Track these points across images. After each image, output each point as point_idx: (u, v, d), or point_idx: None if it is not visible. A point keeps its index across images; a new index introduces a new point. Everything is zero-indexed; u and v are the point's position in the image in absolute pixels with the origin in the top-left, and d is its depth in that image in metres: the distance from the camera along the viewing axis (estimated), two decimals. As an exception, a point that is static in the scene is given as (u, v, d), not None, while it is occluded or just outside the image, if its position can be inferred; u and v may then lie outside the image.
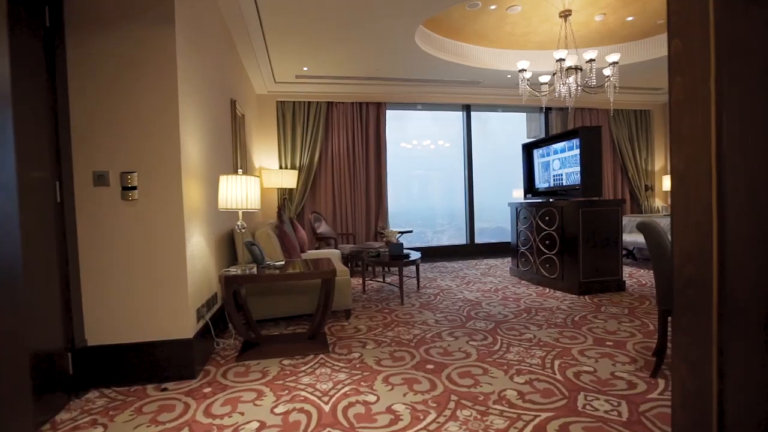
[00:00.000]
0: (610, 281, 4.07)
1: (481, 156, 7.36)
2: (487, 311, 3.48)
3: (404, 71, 5.78)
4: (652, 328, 2.92)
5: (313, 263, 2.80)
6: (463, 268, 5.82)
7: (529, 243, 4.70)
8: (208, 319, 2.49)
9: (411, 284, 4.62)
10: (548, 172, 4.80)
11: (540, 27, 5.07)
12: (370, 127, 6.38)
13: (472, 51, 5.64)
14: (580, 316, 3.25)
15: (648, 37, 5.49)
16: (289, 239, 3.32)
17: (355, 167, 6.32)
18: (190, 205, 2.33)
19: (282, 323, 3.24)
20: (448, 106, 7.01)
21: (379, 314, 3.47)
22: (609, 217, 4.07)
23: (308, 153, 6.06)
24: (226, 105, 3.57)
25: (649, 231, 2.07)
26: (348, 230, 6.25)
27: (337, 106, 6.22)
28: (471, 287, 4.48)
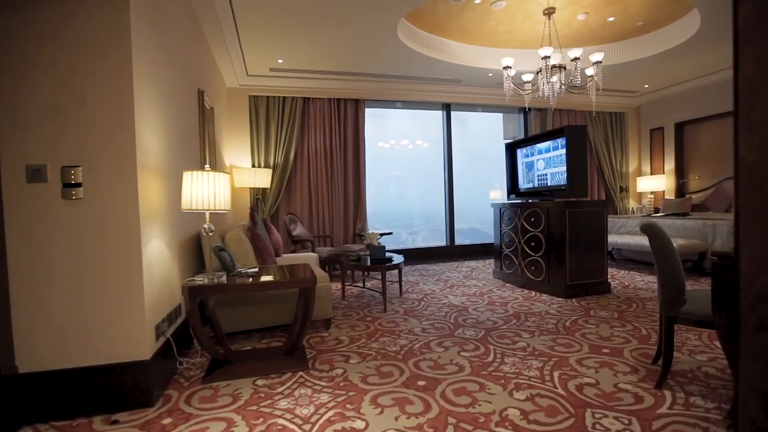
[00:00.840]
0: (595, 283, 3.98)
1: (459, 156, 7.25)
2: (475, 317, 3.31)
3: (385, 67, 5.57)
4: (644, 332, 2.82)
5: (290, 269, 2.54)
6: (444, 270, 5.67)
7: (513, 245, 4.58)
8: (169, 336, 2.19)
9: (393, 289, 4.41)
10: (532, 172, 4.70)
11: (523, 25, 4.97)
12: (349, 125, 6.14)
13: (454, 48, 5.49)
14: (570, 321, 3.13)
15: (626, 39, 5.50)
16: (262, 243, 3.04)
17: (333, 166, 6.06)
18: (149, 205, 2.03)
19: (255, 336, 2.96)
20: (428, 105, 6.85)
21: (361, 323, 3.24)
22: (595, 217, 3.99)
23: (283, 151, 5.75)
24: (193, 95, 3.25)
25: (654, 234, 1.94)
26: (325, 232, 5.98)
27: (313, 102, 5.94)
28: (455, 291, 4.31)
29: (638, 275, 4.87)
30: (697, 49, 5.32)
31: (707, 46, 5.22)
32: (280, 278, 2.26)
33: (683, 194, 7.06)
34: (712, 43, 5.13)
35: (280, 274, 2.41)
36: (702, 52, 5.42)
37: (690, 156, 7.12)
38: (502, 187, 9.73)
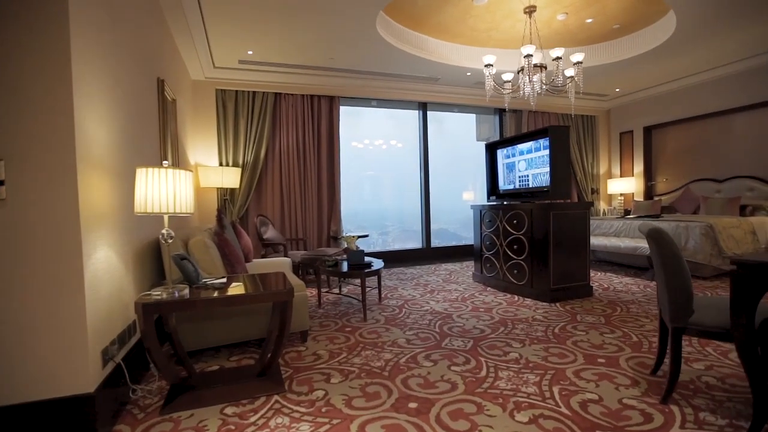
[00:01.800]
0: (578, 287, 3.92)
1: (432, 157, 7.11)
2: (461, 326, 3.14)
3: (361, 62, 5.35)
4: (635, 339, 2.73)
5: (263, 279, 2.27)
6: (422, 274, 5.50)
7: (494, 248, 4.46)
8: (120, 361, 1.88)
9: (371, 295, 4.19)
10: (513, 173, 4.61)
11: (503, 23, 4.88)
12: (323, 123, 5.87)
13: (433, 45, 5.34)
14: (559, 328, 3.01)
15: (602, 42, 5.52)
16: (231, 248, 2.75)
17: (306, 166, 5.77)
18: (94, 208, 1.72)
19: (224, 352, 2.66)
20: (404, 104, 6.68)
21: (340, 334, 2.99)
22: (578, 220, 3.93)
23: (253, 149, 5.41)
24: (151, 84, 2.91)
25: (662, 240, 1.82)
26: (298, 235, 5.68)
27: (285, 98, 5.63)
28: (436, 296, 4.14)
29: (615, 277, 4.88)
30: (667, 54, 5.41)
31: (678, 51, 5.31)
32: (252, 291, 1.99)
33: (651, 196, 7.23)
34: (682, 48, 5.22)
35: (253, 285, 2.14)
36: (672, 57, 5.52)
37: (658, 159, 7.30)
38: (475, 189, 9.71)
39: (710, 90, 6.22)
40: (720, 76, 6.05)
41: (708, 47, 5.21)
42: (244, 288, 2.05)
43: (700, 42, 5.04)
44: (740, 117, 6.02)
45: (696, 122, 6.57)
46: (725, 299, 1.93)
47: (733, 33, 4.76)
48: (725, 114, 6.14)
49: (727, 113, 6.12)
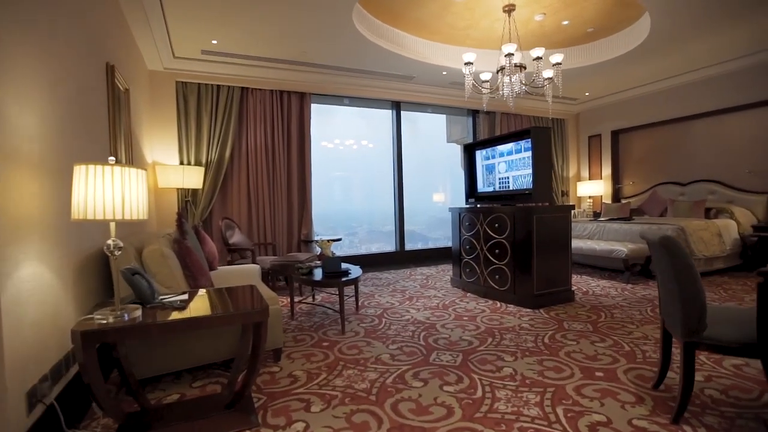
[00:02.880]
0: (561, 292, 3.84)
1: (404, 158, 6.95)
2: (447, 337, 2.95)
3: (334, 57, 5.08)
4: (627, 348, 2.64)
5: (232, 295, 1.98)
6: (398, 279, 5.29)
7: (474, 252, 4.32)
8: (54, 401, 1.54)
9: (348, 303, 3.93)
10: (493, 175, 4.49)
11: (480, 22, 4.76)
12: (293, 120, 5.55)
13: (409, 42, 5.16)
14: (548, 337, 2.89)
15: (575, 46, 5.54)
16: (194, 258, 2.42)
17: (275, 166, 5.43)
18: (17, 214, 1.38)
19: (186, 377, 2.33)
20: (377, 102, 6.46)
21: (318, 350, 2.73)
22: (560, 223, 3.85)
23: (217, 147, 5.02)
24: (98, 69, 2.53)
25: (675, 248, 1.69)
26: (267, 239, 5.33)
27: (253, 93, 5.27)
28: (416, 304, 3.94)
29: (592, 280, 4.87)
30: (637, 60, 5.49)
31: (647, 58, 5.40)
32: (221, 311, 1.69)
33: (619, 199, 7.39)
34: (651, 55, 5.32)
35: (220, 302, 1.84)
36: (641, 64, 5.61)
37: (624, 162, 7.48)
38: (445, 190, 9.66)
39: (674, 97, 6.40)
40: (683, 84, 6.24)
41: (676, 55, 5.33)
42: (210, 307, 1.76)
43: (669, 49, 5.14)
44: (701, 123, 6.23)
45: (660, 127, 6.76)
46: (738, 311, 1.83)
47: (703, 40, 4.87)
48: (687, 120, 6.34)
49: (689, 119, 6.32)
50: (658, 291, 2.10)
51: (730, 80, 5.71)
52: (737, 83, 5.64)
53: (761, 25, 4.54)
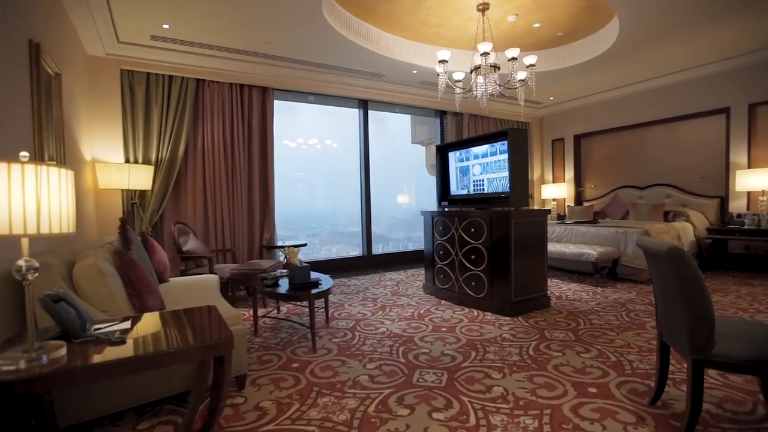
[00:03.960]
0: (537, 298, 3.75)
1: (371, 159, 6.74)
2: (427, 352, 2.74)
3: (300, 50, 4.76)
4: (613, 359, 2.55)
5: (186, 317, 1.66)
6: (367, 285, 5.05)
7: (449, 257, 4.16)
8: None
9: (317, 315, 3.63)
10: (467, 177, 4.36)
11: (453, 20, 4.62)
12: (254, 117, 5.17)
13: (379, 37, 4.94)
14: (533, 348, 2.75)
15: (544, 49, 5.54)
16: (140, 273, 2.06)
17: (235, 165, 5.02)
18: None
19: (130, 416, 1.96)
20: (344, 101, 6.19)
21: (287, 373, 2.43)
22: (537, 228, 3.76)
23: (169, 144, 4.55)
24: (18, 45, 2.11)
25: (682, 259, 1.57)
26: (226, 245, 4.91)
27: (210, 86, 4.84)
28: (390, 314, 3.72)
29: (562, 284, 4.86)
30: (601, 67, 5.59)
31: (612, 64, 5.50)
32: (173, 345, 1.38)
33: (581, 202, 7.56)
34: (616, 62, 5.41)
35: (173, 330, 1.52)
36: (605, 70, 5.72)
37: (586, 166, 7.66)
38: (410, 192, 9.53)
39: (633, 103, 6.61)
40: (642, 91, 6.45)
41: (637, 63, 5.46)
42: (159, 338, 1.43)
43: (632, 57, 5.25)
44: (658, 129, 6.47)
45: (620, 132, 6.96)
46: (747, 325, 1.74)
47: (663, 50, 5.01)
48: (646, 126, 6.56)
49: (647, 125, 6.54)
50: (654, 303, 2.00)
51: (685, 89, 5.95)
52: (691, 92, 5.89)
53: (716, 38, 4.72)
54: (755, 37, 4.74)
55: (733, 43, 4.90)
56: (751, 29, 4.54)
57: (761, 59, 5.16)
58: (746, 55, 5.23)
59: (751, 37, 4.75)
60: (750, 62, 5.26)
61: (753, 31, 4.60)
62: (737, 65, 5.37)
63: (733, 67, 5.42)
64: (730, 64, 5.41)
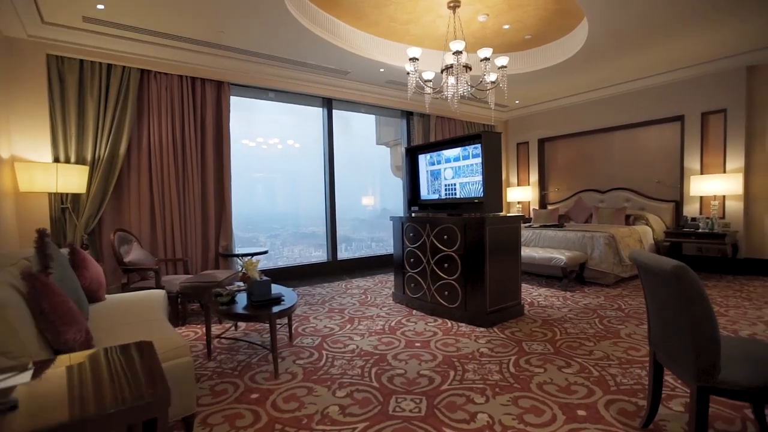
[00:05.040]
0: (512, 307, 3.63)
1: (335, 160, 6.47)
2: (402, 373, 2.51)
3: (259, 42, 4.41)
4: (596, 374, 2.43)
5: (113, 360, 1.32)
6: (333, 294, 4.76)
7: (420, 265, 3.96)
8: None
9: (279, 332, 3.31)
10: (439, 181, 4.18)
11: (423, 17, 4.45)
12: (208, 113, 4.74)
13: (346, 32, 4.67)
14: (513, 364, 2.59)
15: (513, 52, 5.49)
16: (56, 299, 1.67)
17: (187, 165, 4.58)
18: None
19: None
20: (307, 99, 5.87)
21: (244, 408, 2.11)
22: (511, 234, 3.64)
23: (108, 140, 4.05)
24: None
25: (687, 277, 1.43)
26: (177, 254, 4.45)
27: (157, 78, 4.37)
28: (359, 328, 3.46)
29: (532, 289, 4.80)
30: (567, 72, 5.62)
31: (577, 70, 5.54)
32: (91, 408, 1.05)
33: (545, 205, 7.64)
34: (581, 67, 5.45)
35: (94, 383, 1.18)
36: (570, 75, 5.76)
37: (550, 169, 7.76)
38: (375, 193, 9.32)
39: (595, 109, 6.74)
40: (603, 97, 6.59)
41: (601, 69, 5.53)
42: (77, 397, 1.10)
43: (597, 63, 5.30)
44: (618, 135, 6.63)
45: (583, 137, 7.09)
46: (754, 345, 1.64)
47: (628, 57, 5.08)
48: (606, 131, 6.71)
49: (608, 131, 6.69)
50: (647, 320, 1.87)
51: (644, 97, 6.12)
52: (649, 100, 6.06)
53: (674, 48, 4.85)
54: (708, 48, 4.91)
55: (688, 53, 5.06)
56: (705, 41, 4.70)
57: (713, 70, 5.37)
58: (700, 66, 5.43)
59: (704, 49, 4.92)
60: (703, 73, 5.46)
61: (706, 43, 4.76)
62: (692, 75, 5.57)
63: (688, 76, 5.61)
64: (686, 73, 5.61)
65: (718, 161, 5.42)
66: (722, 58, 5.23)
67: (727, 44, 4.81)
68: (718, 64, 5.31)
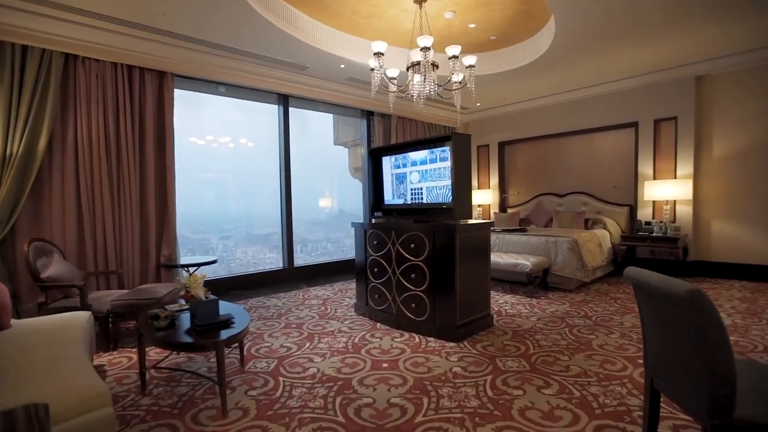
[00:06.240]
0: (481, 318, 3.46)
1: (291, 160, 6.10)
2: (370, 403, 2.24)
3: (206, 28, 3.98)
4: (577, 394, 2.29)
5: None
6: (289, 306, 4.41)
7: (385, 275, 3.71)
8: None
9: (229, 356, 2.93)
10: (404, 185, 3.95)
11: (388, 11, 4.21)
12: (148, 106, 4.22)
13: (305, 23, 4.34)
14: (490, 386, 2.40)
15: (477, 53, 5.39)
16: None
17: (122, 165, 4.04)
18: None
19: None
20: (261, 94, 5.45)
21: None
22: (481, 242, 3.48)
23: (24, 134, 3.46)
24: None
25: (707, 305, 1.27)
26: (110, 266, 3.91)
27: (85, 64, 3.82)
28: (320, 346, 3.15)
29: (496, 295, 4.70)
30: (529, 75, 5.61)
31: (540, 73, 5.53)
32: None
33: (505, 209, 7.66)
34: (544, 71, 5.45)
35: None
36: (533, 78, 5.75)
37: (510, 173, 7.79)
38: (333, 195, 9.00)
39: (554, 113, 6.82)
40: (562, 102, 6.67)
41: (563, 73, 5.56)
42: None
43: (560, 67, 5.31)
44: (576, 139, 6.74)
45: (542, 141, 7.16)
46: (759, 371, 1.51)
47: (588, 62, 5.12)
48: (565, 136, 6.81)
49: (566, 135, 6.79)
50: (643, 343, 1.73)
51: (601, 102, 6.25)
52: (606, 106, 6.19)
53: (631, 56, 4.94)
54: (661, 57, 5.05)
55: (643, 61, 5.19)
56: (658, 50, 4.83)
57: (665, 78, 5.55)
58: (654, 74, 5.60)
59: (658, 58, 5.06)
60: (656, 81, 5.64)
61: (659, 52, 4.90)
62: (646, 83, 5.73)
63: (642, 84, 5.77)
64: (640, 81, 5.76)
65: (669, 167, 5.61)
66: (674, 68, 5.42)
67: (678, 54, 4.97)
68: (670, 73, 5.50)
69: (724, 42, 4.63)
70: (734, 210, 5.24)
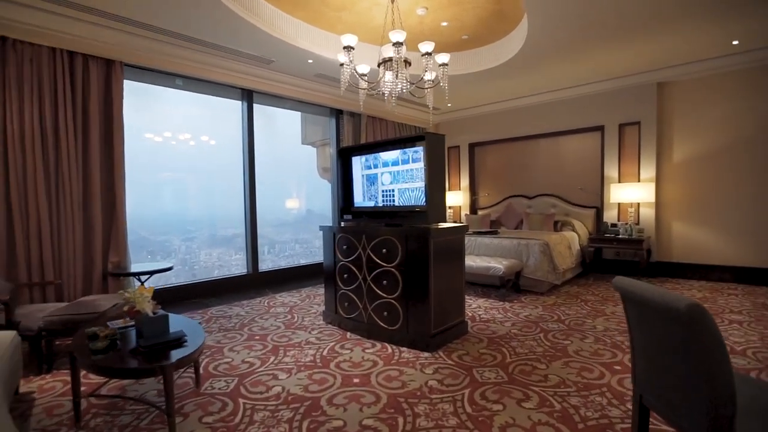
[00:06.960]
0: (456, 325, 3.33)
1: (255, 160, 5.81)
2: (341, 426, 2.04)
3: (161, 14, 3.64)
4: (558, 407, 2.19)
5: None
6: (253, 315, 4.13)
7: (355, 282, 3.52)
8: None
9: (183, 376, 2.64)
10: (375, 187, 3.77)
11: (358, 4, 4.03)
12: (93, 97, 3.82)
13: (270, 13, 4.07)
14: (468, 401, 2.26)
15: (449, 52, 5.27)
16: None
17: (62, 161, 3.63)
18: None
19: None
20: (224, 89, 5.13)
21: None
22: (456, 246, 3.35)
23: (-63, 127, 3.01)
24: None
25: (708, 322, 1.17)
26: (46, 276, 3.49)
27: (18, 48, 3.39)
28: (285, 360, 2.91)
29: (469, 299, 4.61)
30: (500, 77, 5.58)
31: (511, 75, 5.51)
32: None
33: (476, 210, 7.64)
34: (515, 73, 5.43)
35: None
36: (505, 79, 5.73)
37: (480, 174, 7.78)
38: (300, 195, 8.72)
39: (522, 116, 6.85)
40: (532, 105, 6.71)
41: (533, 76, 5.56)
42: None
43: (530, 69, 5.30)
44: (544, 142, 6.80)
45: (512, 143, 7.18)
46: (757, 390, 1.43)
47: (558, 65, 5.13)
48: (534, 138, 6.85)
49: (535, 137, 6.83)
50: (632, 358, 1.63)
51: (568, 106, 6.32)
52: (573, 109, 6.27)
53: (598, 61, 5.00)
54: (626, 63, 5.15)
55: (609, 67, 5.26)
56: (623, 57, 4.92)
57: (630, 84, 5.67)
58: (619, 79, 5.71)
59: (623, 64, 5.15)
60: (621, 86, 5.75)
61: (624, 59, 4.99)
62: (611, 88, 5.84)
63: (608, 89, 5.88)
64: (606, 86, 5.87)
65: (633, 170, 5.73)
66: (637, 74, 5.54)
67: (641, 61, 5.07)
68: (633, 79, 5.62)
69: (684, 50, 4.76)
70: (693, 212, 5.42)
